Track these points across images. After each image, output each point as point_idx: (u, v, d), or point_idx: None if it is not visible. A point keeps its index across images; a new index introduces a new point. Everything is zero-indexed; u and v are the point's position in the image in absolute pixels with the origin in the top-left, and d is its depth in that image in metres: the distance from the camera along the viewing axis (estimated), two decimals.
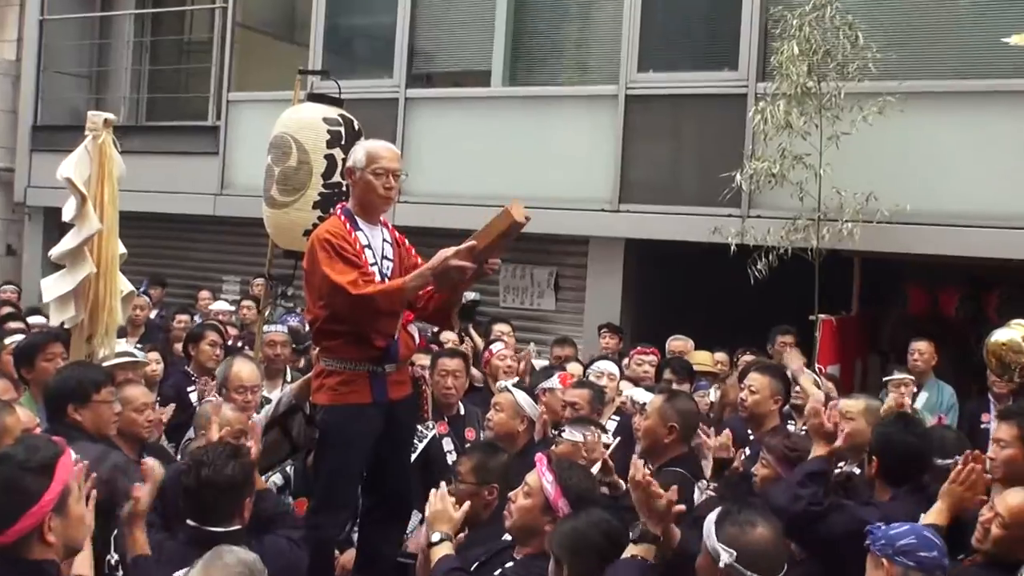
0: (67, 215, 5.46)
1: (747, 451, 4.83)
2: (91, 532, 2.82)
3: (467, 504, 3.53)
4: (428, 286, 4.13)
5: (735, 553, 2.64)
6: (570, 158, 9.94)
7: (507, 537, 3.55)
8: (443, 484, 3.62)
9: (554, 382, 5.84)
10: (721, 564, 2.66)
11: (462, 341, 7.14)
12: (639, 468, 3.05)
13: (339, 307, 4.03)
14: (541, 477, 3.39)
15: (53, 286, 5.47)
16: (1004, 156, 7.93)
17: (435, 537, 3.38)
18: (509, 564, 3.39)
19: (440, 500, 3.44)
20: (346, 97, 6.61)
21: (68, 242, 5.37)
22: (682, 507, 3.09)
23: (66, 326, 5.45)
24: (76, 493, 2.69)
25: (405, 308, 4.22)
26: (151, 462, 3.15)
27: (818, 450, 3.80)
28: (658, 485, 2.99)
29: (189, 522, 3.16)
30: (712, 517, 2.81)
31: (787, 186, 8.15)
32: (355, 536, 4.47)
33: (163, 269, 12.05)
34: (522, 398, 5.19)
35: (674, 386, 5.80)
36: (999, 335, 2.20)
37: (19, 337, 6.23)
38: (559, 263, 10.38)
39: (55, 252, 5.49)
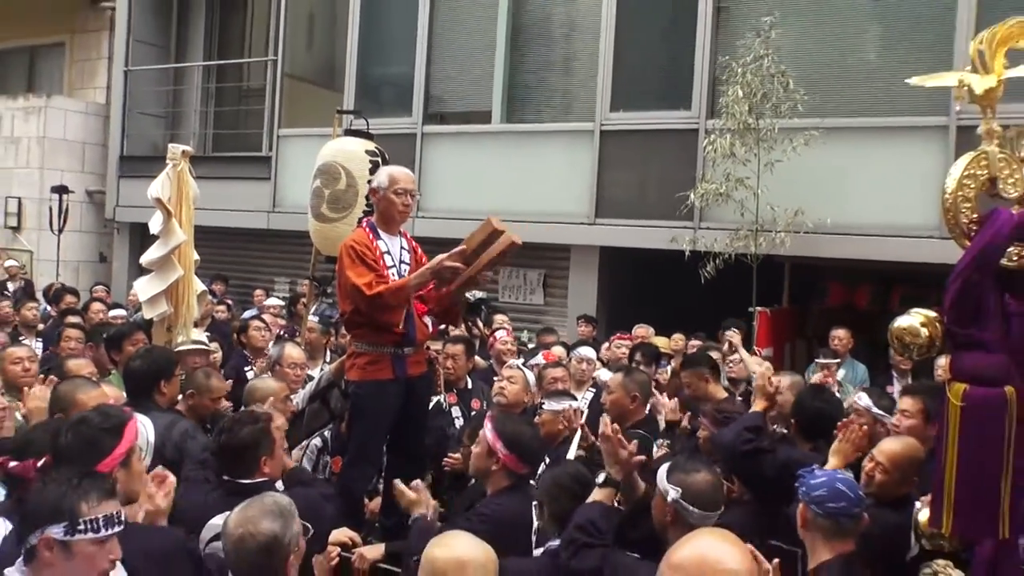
0: (154, 228, 5.48)
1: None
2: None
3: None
4: (429, 283, 4.13)
5: (680, 491, 2.67)
6: (555, 181, 9.93)
7: None
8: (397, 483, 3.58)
9: (539, 359, 5.89)
10: (668, 500, 2.68)
11: (469, 331, 7.12)
12: (607, 424, 3.04)
13: (358, 303, 4.03)
14: (484, 428, 3.41)
15: (146, 287, 5.48)
16: (905, 179, 7.95)
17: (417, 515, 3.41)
18: (480, 504, 3.42)
19: (416, 492, 3.45)
20: (374, 132, 6.60)
21: (156, 251, 5.42)
22: (643, 457, 3.09)
23: (156, 320, 5.47)
24: (139, 453, 2.72)
25: (412, 302, 4.18)
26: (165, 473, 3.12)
27: (758, 405, 3.78)
28: (623, 438, 2.99)
29: (224, 477, 3.17)
30: (664, 466, 2.83)
31: (731, 203, 8.18)
32: (380, 487, 4.45)
33: (225, 272, 12.06)
34: (531, 376, 5.21)
35: (641, 367, 5.80)
36: (900, 321, 2.18)
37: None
38: (547, 266, 10.36)
39: (145, 258, 5.52)
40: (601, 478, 2.98)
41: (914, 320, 2.19)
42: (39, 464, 2.72)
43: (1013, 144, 2.29)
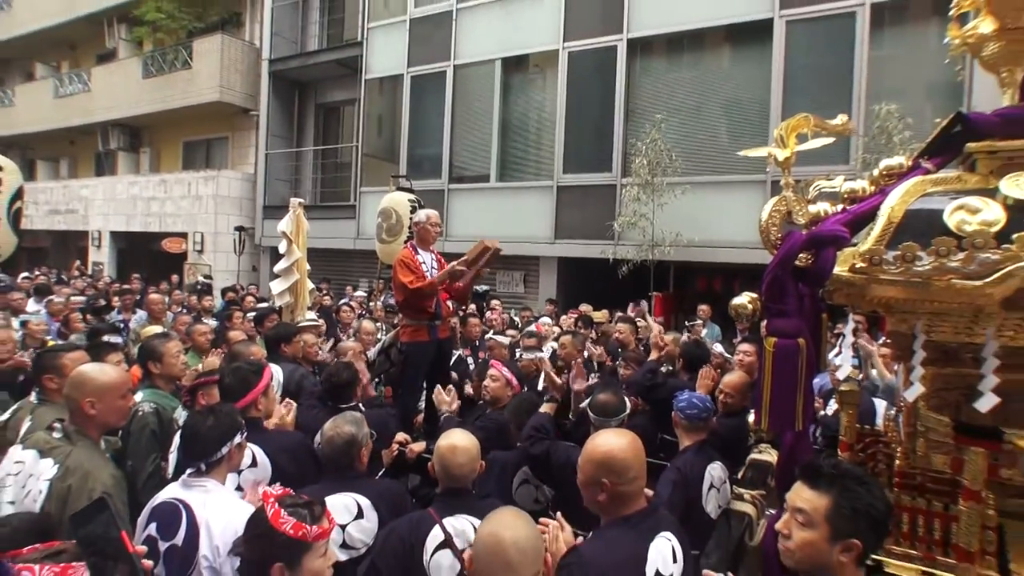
0: (282, 250, 5.46)
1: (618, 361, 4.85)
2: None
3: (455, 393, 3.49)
4: (446, 280, 4.07)
5: (587, 405, 2.75)
6: (530, 217, 9.92)
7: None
8: (438, 387, 3.52)
9: (533, 328, 5.90)
10: (580, 407, 2.79)
11: (479, 310, 7.11)
12: (548, 367, 3.11)
13: (405, 293, 3.99)
14: (500, 370, 3.41)
15: (277, 285, 5.48)
16: (741, 212, 7.95)
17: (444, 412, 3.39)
18: (482, 416, 3.42)
19: (445, 394, 3.41)
20: (417, 188, 6.59)
21: (283, 263, 5.39)
22: (581, 386, 3.08)
23: (283, 306, 5.46)
24: (272, 390, 2.70)
25: (439, 292, 4.14)
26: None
27: (653, 356, 3.81)
28: (556, 376, 3.02)
29: (329, 403, 3.14)
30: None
31: (637, 229, 8.19)
32: (422, 406, 4.44)
33: (328, 276, 12.05)
34: (505, 340, 5.27)
35: (581, 330, 5.78)
36: (736, 300, 2.18)
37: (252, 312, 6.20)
38: (525, 269, 10.35)
39: (277, 268, 5.50)
40: (547, 396, 3.00)
41: (744, 299, 2.18)
42: (208, 379, 2.73)
43: (801, 191, 2.29)
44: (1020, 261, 1.52)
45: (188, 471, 1.99)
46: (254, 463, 2.41)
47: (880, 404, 3.45)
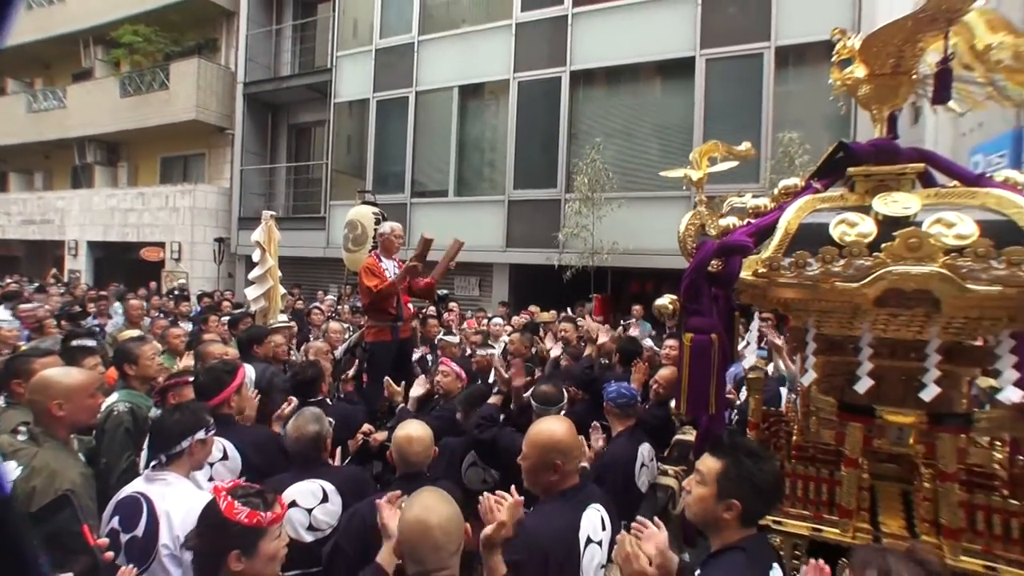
0: (255, 258, 5.29)
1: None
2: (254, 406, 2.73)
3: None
4: (405, 280, 4.00)
5: (530, 395, 2.72)
6: (484, 228, 9.88)
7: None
8: (388, 380, 3.46)
9: (465, 326, 5.88)
10: (526, 400, 2.74)
11: (439, 313, 7.04)
12: (497, 364, 3.05)
13: (369, 295, 3.93)
14: (450, 366, 3.36)
15: (251, 291, 5.32)
16: (666, 224, 8.02)
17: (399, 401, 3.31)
18: (442, 406, 3.36)
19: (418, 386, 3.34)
20: (382, 203, 6.49)
21: (256, 271, 5.24)
22: (520, 382, 3.06)
23: (257, 310, 5.29)
24: (246, 388, 2.60)
25: (402, 296, 4.08)
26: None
27: (589, 351, 3.80)
28: (505, 371, 2.98)
29: (294, 399, 3.03)
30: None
31: (579, 239, 8.26)
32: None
33: (300, 282, 11.70)
34: (455, 340, 5.12)
35: (528, 333, 5.76)
36: (658, 300, 2.24)
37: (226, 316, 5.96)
38: (480, 275, 10.30)
39: (251, 275, 5.33)
40: (496, 389, 2.98)
41: (665, 300, 2.24)
42: (179, 380, 2.61)
43: (713, 207, 2.37)
44: (888, 266, 1.62)
45: (152, 464, 1.91)
46: (225, 456, 2.33)
47: (785, 391, 3.59)
